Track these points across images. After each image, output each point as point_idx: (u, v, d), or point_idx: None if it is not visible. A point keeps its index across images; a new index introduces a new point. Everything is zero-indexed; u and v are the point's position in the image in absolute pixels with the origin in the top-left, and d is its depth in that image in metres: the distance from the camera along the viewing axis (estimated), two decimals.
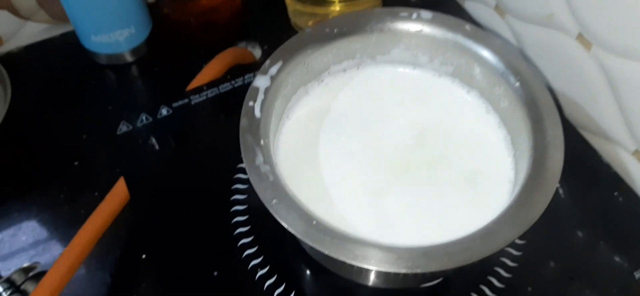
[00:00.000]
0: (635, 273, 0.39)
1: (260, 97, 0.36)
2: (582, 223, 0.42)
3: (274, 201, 0.32)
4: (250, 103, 0.36)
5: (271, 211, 0.32)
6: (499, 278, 0.39)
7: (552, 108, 0.35)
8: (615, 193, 0.44)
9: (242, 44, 0.60)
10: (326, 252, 0.30)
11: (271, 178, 0.33)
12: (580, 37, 0.45)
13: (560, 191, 0.44)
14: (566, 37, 0.46)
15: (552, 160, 0.33)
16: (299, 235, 0.31)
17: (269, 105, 0.37)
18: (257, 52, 0.59)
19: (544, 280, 0.40)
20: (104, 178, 0.47)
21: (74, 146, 0.53)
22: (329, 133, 0.40)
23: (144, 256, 0.44)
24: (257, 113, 0.36)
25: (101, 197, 0.45)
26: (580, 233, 0.42)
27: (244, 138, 0.34)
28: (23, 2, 0.59)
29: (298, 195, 0.36)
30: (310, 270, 0.40)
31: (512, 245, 0.41)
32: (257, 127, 0.35)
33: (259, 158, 0.34)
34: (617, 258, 0.40)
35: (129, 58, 0.59)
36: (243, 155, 0.34)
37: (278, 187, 0.33)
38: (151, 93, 0.57)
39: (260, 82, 0.37)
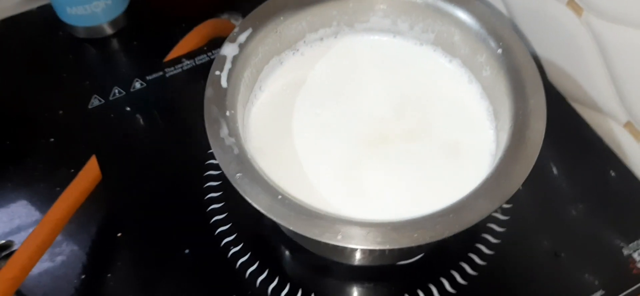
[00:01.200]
0: (623, 250, 0.37)
1: (228, 66, 0.34)
2: (573, 197, 0.40)
3: (238, 175, 0.30)
4: (217, 72, 0.34)
5: (235, 185, 0.30)
6: (481, 254, 0.38)
7: (536, 75, 0.33)
8: (607, 167, 0.42)
9: (225, 16, 0.58)
10: (291, 227, 0.29)
11: (236, 150, 0.31)
12: (571, 2, 0.42)
13: (552, 164, 0.42)
14: (556, 2, 0.44)
15: (533, 131, 0.31)
16: (262, 210, 0.29)
17: (237, 75, 0.35)
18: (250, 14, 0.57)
19: (529, 256, 0.38)
20: (80, 154, 0.46)
21: (50, 122, 0.51)
22: (304, 104, 0.38)
23: (119, 234, 0.43)
24: (224, 82, 0.34)
25: (77, 174, 0.44)
26: (568, 208, 0.40)
27: (209, 109, 0.33)
28: None
29: (270, 169, 0.34)
30: (285, 248, 0.39)
31: (496, 220, 0.39)
32: (224, 97, 0.33)
33: (224, 130, 0.32)
34: (606, 234, 0.38)
35: (109, 30, 0.57)
36: (207, 126, 0.32)
37: (243, 160, 0.31)
38: (127, 66, 0.55)
39: (228, 50, 0.35)
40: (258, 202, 0.29)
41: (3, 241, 0.44)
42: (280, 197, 0.30)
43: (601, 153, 0.43)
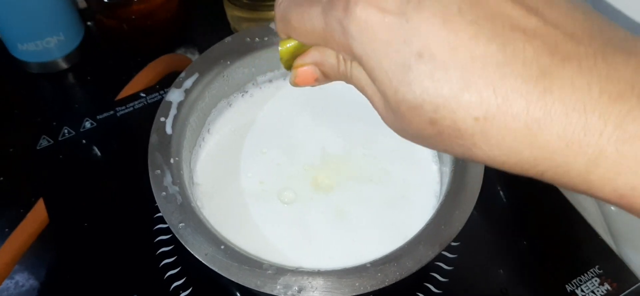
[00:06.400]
0: (567, 286, 0.38)
1: (173, 112, 0.35)
2: (517, 236, 0.41)
3: (181, 224, 0.30)
4: (162, 119, 0.34)
5: (177, 235, 0.30)
6: (429, 293, 0.38)
7: None
8: (552, 204, 0.43)
9: (181, 51, 0.58)
10: (232, 279, 0.29)
11: (179, 199, 0.31)
12: None
13: (502, 194, 0.43)
14: None
15: (472, 176, 0.32)
16: (204, 261, 0.29)
17: (182, 121, 0.35)
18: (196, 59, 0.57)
19: (477, 289, 0.39)
20: (30, 194, 0.45)
21: (0, 160, 0.50)
22: (253, 147, 0.38)
23: (68, 276, 0.42)
24: (169, 129, 0.34)
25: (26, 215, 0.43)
26: (514, 246, 0.41)
27: (153, 157, 0.33)
28: None
29: (216, 214, 0.34)
30: (234, 291, 0.39)
31: (444, 259, 0.39)
32: (168, 144, 0.33)
33: (167, 179, 0.32)
34: (550, 271, 0.39)
35: (63, 65, 0.56)
36: (150, 175, 0.32)
37: (186, 209, 0.31)
38: (79, 103, 0.54)
39: (174, 96, 0.35)
40: (200, 253, 0.29)
41: None
42: (223, 247, 0.30)
43: (544, 191, 0.44)
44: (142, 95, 0.48)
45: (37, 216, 0.43)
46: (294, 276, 0.29)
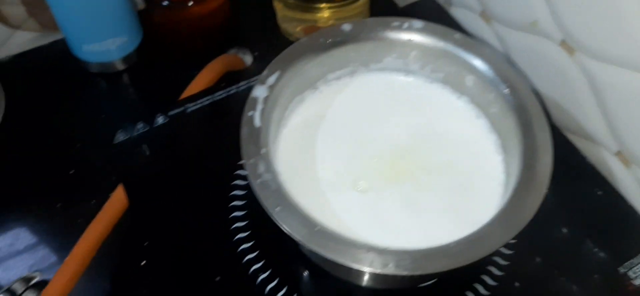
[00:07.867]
0: (619, 269, 0.41)
1: (260, 106, 0.37)
2: (568, 221, 0.44)
3: (278, 208, 0.33)
4: (250, 113, 0.37)
5: (275, 219, 0.33)
6: (492, 276, 0.41)
7: (540, 114, 0.37)
8: (599, 193, 0.46)
9: (233, 51, 0.61)
10: (331, 257, 0.31)
11: (273, 186, 0.34)
12: (563, 43, 0.46)
13: (549, 193, 0.45)
14: (550, 43, 0.48)
15: (542, 164, 0.35)
16: (303, 242, 0.32)
17: (268, 114, 0.38)
18: (248, 59, 0.60)
19: (533, 276, 0.42)
20: (100, 186, 0.48)
21: (69, 155, 0.53)
22: (325, 139, 0.41)
23: (143, 262, 0.44)
24: (257, 122, 0.37)
25: (98, 205, 0.46)
26: (566, 231, 0.43)
27: (246, 148, 0.35)
28: (13, 11, 0.59)
29: (296, 202, 0.37)
30: (309, 272, 0.41)
31: (499, 253, 0.42)
32: (258, 136, 0.36)
33: (261, 167, 0.35)
34: (601, 254, 0.42)
35: (120, 66, 0.59)
36: (245, 164, 0.35)
37: (280, 195, 0.34)
38: (145, 101, 0.57)
39: (259, 92, 0.38)
40: (298, 234, 0.32)
41: (27, 273, 0.46)
42: (317, 228, 0.32)
43: (594, 179, 0.47)
44: (208, 93, 0.51)
45: (115, 204, 0.45)
46: (385, 254, 0.31)
